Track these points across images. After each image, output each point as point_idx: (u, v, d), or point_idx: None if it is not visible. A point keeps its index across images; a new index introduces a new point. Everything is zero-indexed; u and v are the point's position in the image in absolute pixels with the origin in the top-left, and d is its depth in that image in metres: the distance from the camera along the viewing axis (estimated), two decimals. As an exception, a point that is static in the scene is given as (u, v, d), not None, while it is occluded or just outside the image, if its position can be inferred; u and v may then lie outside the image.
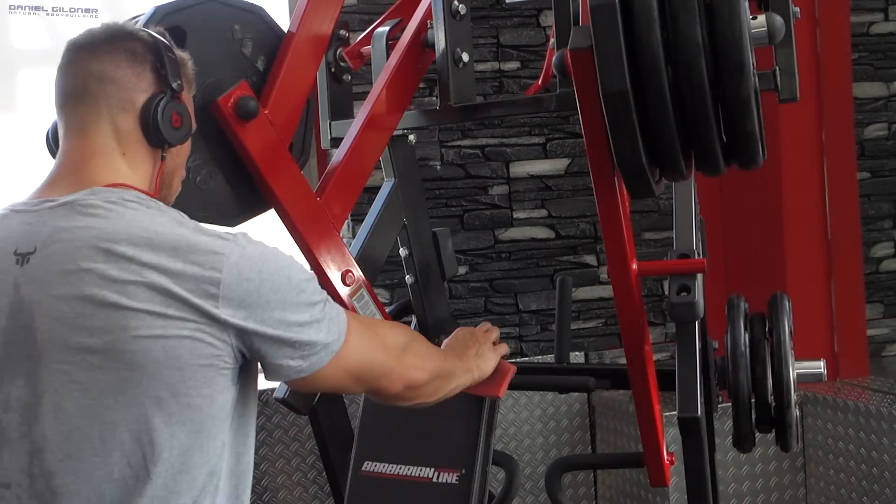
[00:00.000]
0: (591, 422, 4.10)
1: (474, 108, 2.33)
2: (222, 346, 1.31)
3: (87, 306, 1.27)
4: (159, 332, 1.27)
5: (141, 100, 1.43)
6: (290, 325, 1.35)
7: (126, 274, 1.27)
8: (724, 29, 1.43)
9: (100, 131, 1.41)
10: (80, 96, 1.42)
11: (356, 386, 1.52)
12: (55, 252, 1.30)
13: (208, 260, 1.30)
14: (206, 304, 1.29)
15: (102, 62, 1.42)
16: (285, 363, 1.38)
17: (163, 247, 1.30)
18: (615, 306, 1.99)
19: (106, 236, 1.30)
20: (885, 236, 4.61)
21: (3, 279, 1.31)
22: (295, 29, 2.28)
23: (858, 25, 4.46)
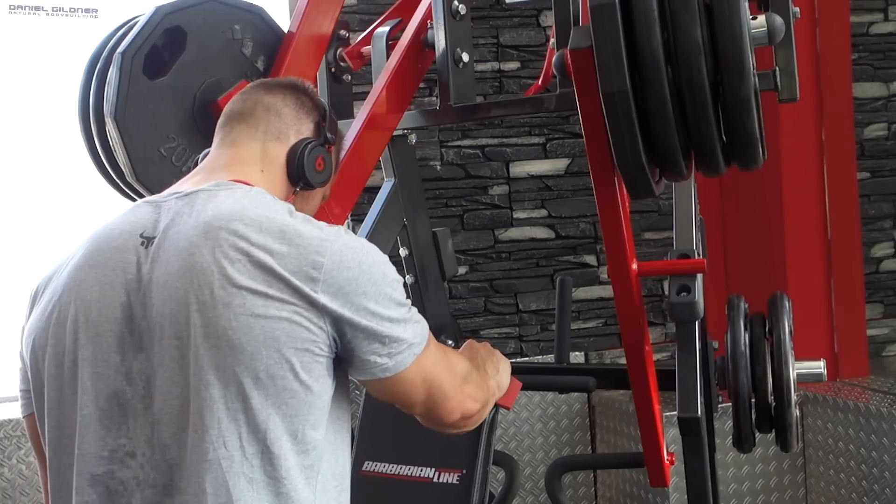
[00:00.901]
0: (591, 422, 4.11)
1: (474, 108, 2.33)
2: (318, 333, 1.34)
3: (195, 283, 1.32)
4: (260, 312, 1.30)
5: (294, 137, 1.55)
6: (382, 318, 1.38)
7: (233, 251, 1.33)
8: (724, 29, 1.42)
9: (250, 147, 1.52)
10: (243, 117, 1.53)
11: (423, 402, 1.46)
12: (174, 234, 1.37)
13: (312, 244, 1.35)
14: (307, 286, 1.33)
15: (275, 97, 1.55)
16: (373, 359, 1.39)
17: (271, 229, 1.35)
18: (615, 306, 1.99)
19: (221, 216, 1.36)
20: (885, 236, 4.61)
21: (128, 259, 1.39)
22: (295, 29, 2.28)
23: (858, 25, 4.46)
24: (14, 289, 3.75)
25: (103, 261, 1.40)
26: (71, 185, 3.68)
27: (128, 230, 1.41)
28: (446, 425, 1.52)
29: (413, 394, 1.45)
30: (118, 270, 1.38)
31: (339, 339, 1.36)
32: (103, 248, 1.41)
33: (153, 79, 2.10)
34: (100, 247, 1.42)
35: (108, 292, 1.38)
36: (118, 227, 1.43)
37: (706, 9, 1.44)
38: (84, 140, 2.29)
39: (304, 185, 1.56)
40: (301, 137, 1.55)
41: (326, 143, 1.58)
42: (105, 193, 2.43)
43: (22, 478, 3.42)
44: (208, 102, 2.15)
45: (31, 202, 3.78)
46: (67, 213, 3.77)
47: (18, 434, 3.42)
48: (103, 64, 2.18)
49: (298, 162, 1.53)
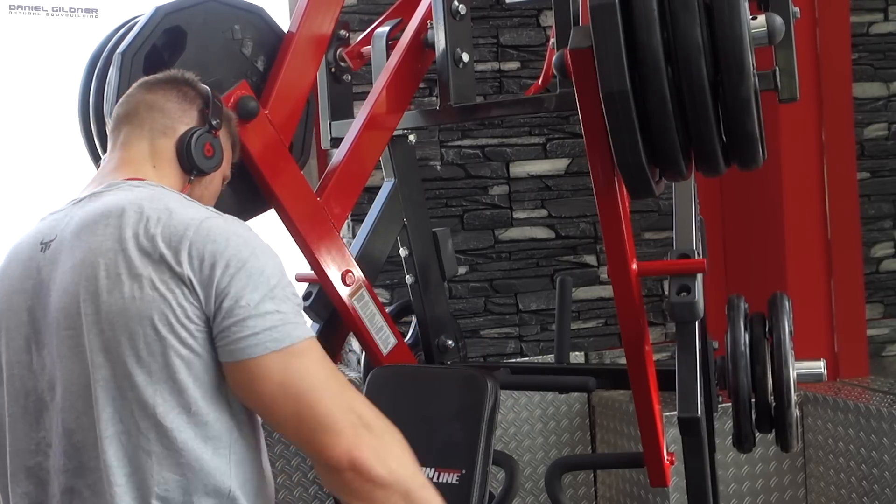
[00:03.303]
0: (591, 422, 4.10)
1: (474, 108, 2.33)
2: (189, 307, 1.37)
3: (82, 275, 1.40)
4: (136, 294, 1.37)
5: (181, 130, 1.60)
6: (242, 295, 1.39)
7: (110, 241, 1.40)
8: (724, 29, 1.43)
9: (138, 146, 1.58)
10: (129, 119, 1.60)
11: (293, 418, 1.37)
12: (67, 234, 1.46)
13: (182, 223, 1.41)
14: (174, 262, 1.37)
15: (155, 95, 1.61)
16: (226, 335, 1.38)
17: (145, 216, 1.41)
18: (615, 306, 1.99)
19: (104, 209, 1.45)
20: (885, 236, 4.61)
21: (29, 266, 1.49)
22: (295, 29, 2.28)
23: (858, 25, 4.46)
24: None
25: (12, 272, 1.51)
26: (71, 185, 3.68)
27: (31, 241, 1.52)
28: (330, 469, 1.37)
29: (272, 395, 1.37)
30: (24, 278, 1.49)
31: (209, 313, 1.37)
32: (13, 260, 1.53)
33: (153, 79, 2.10)
34: (11, 260, 1.54)
35: (15, 299, 1.48)
36: (25, 240, 1.54)
37: (706, 9, 1.44)
38: (84, 140, 2.29)
39: (197, 173, 1.61)
40: (188, 127, 1.60)
41: (212, 129, 1.63)
42: (105, 193, 2.43)
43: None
44: (208, 102, 2.15)
45: (30, 202, 3.77)
46: (67, 213, 3.77)
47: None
48: (103, 64, 2.18)
49: (186, 152, 1.59)
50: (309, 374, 1.39)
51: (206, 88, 1.66)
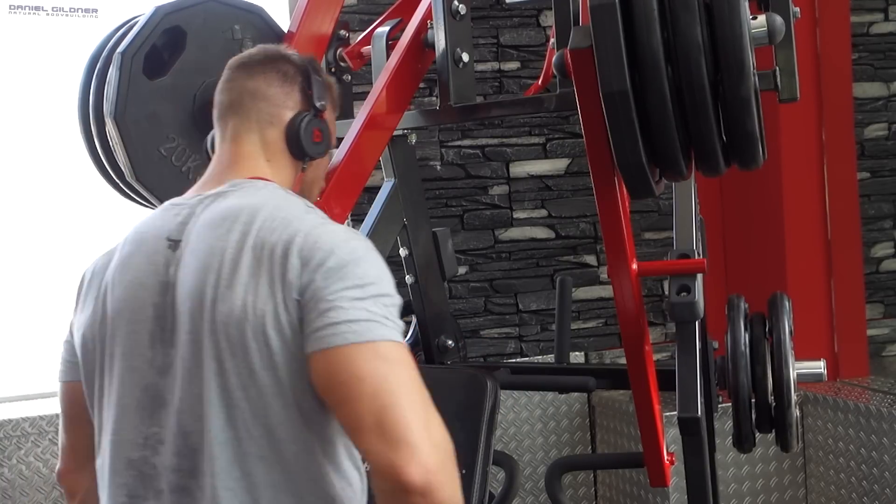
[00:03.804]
0: (591, 422, 4.10)
1: (474, 108, 2.33)
2: (295, 317, 1.38)
3: (206, 281, 1.41)
4: (252, 306, 1.38)
5: (287, 116, 1.59)
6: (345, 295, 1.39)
7: (233, 249, 1.41)
8: (724, 29, 1.42)
9: (249, 139, 1.58)
10: (234, 110, 1.59)
11: (369, 421, 1.31)
12: (193, 237, 1.47)
13: (310, 239, 1.40)
14: (293, 276, 1.38)
15: (257, 81, 1.59)
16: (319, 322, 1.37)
17: (273, 226, 1.42)
18: (615, 306, 1.99)
19: (227, 211, 1.45)
20: (885, 236, 4.61)
21: (157, 261, 1.48)
22: (295, 29, 2.28)
23: (858, 25, 4.46)
24: (14, 289, 3.75)
25: (136, 264, 1.50)
26: (71, 185, 3.68)
27: (155, 234, 1.50)
28: (403, 485, 1.28)
29: (346, 388, 1.33)
30: (149, 273, 1.48)
31: (304, 318, 1.37)
32: (135, 251, 1.51)
33: (153, 79, 2.10)
34: (133, 250, 1.52)
35: (140, 293, 1.48)
36: (149, 230, 1.52)
37: (706, 9, 1.44)
38: (84, 140, 2.29)
39: (308, 159, 1.62)
40: (293, 113, 1.59)
41: (318, 112, 1.61)
42: (105, 193, 2.43)
43: (22, 478, 3.42)
44: (208, 102, 2.15)
45: (30, 202, 3.77)
46: (67, 213, 3.77)
47: (18, 434, 3.42)
48: (103, 64, 2.18)
49: (296, 142, 1.58)
50: (393, 378, 1.33)
51: (304, 62, 1.63)
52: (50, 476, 3.44)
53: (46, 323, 3.74)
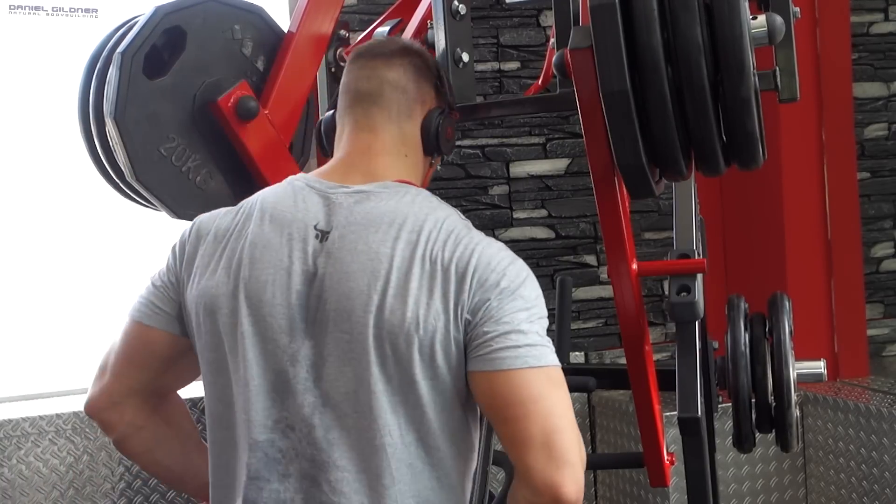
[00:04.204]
0: (591, 422, 4.10)
1: (474, 108, 2.33)
2: (459, 334, 1.44)
3: (369, 286, 1.43)
4: (423, 320, 1.42)
5: (422, 111, 1.61)
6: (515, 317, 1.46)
7: (405, 260, 1.44)
8: (724, 29, 1.42)
9: (388, 131, 1.59)
10: (374, 99, 1.59)
11: (537, 438, 1.39)
12: (349, 233, 1.47)
13: (481, 258, 1.46)
14: (462, 294, 1.44)
15: (397, 72, 1.60)
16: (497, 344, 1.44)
17: (441, 238, 1.46)
18: (615, 306, 1.99)
19: (386, 215, 1.48)
20: (885, 236, 4.61)
21: (304, 249, 1.48)
22: (295, 29, 2.28)
23: (858, 25, 4.46)
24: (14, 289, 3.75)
25: (278, 245, 1.49)
26: (71, 185, 3.67)
27: (301, 218, 1.50)
28: (563, 499, 1.39)
29: (522, 408, 1.41)
30: (294, 259, 1.48)
31: (471, 336, 1.44)
32: (277, 232, 1.50)
33: (153, 79, 2.10)
34: (274, 229, 1.50)
35: (283, 278, 1.47)
36: (291, 212, 1.51)
37: (706, 9, 1.44)
38: (84, 140, 2.29)
39: (437, 155, 1.65)
40: (427, 108, 1.62)
41: (451, 109, 1.65)
42: (105, 193, 2.43)
43: (22, 478, 3.42)
44: (208, 102, 2.15)
45: (31, 202, 3.77)
46: (67, 213, 3.77)
47: (18, 434, 3.42)
48: (103, 64, 2.18)
49: (433, 136, 1.61)
50: (560, 402, 1.43)
51: (434, 59, 1.68)
52: (50, 476, 3.44)
53: (46, 323, 3.74)
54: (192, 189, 2.17)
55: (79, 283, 3.77)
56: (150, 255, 3.65)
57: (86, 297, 3.76)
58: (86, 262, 3.78)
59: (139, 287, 1.65)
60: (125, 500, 3.52)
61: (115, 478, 3.51)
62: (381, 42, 1.69)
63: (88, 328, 3.76)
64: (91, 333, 3.77)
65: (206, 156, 2.18)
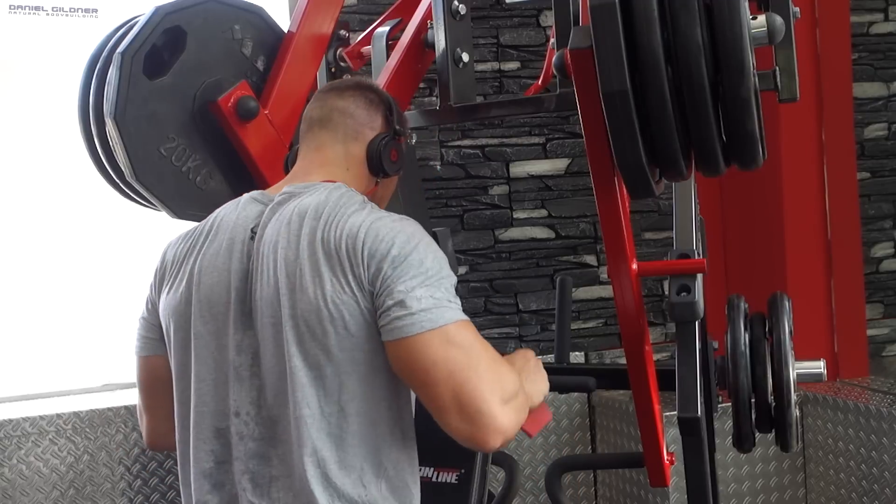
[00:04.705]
0: (591, 422, 4.11)
1: (474, 108, 2.33)
2: (366, 306, 1.54)
3: (282, 272, 1.56)
4: (330, 296, 1.53)
5: (370, 135, 1.76)
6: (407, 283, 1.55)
7: (307, 243, 1.55)
8: (724, 29, 1.42)
9: (333, 149, 1.74)
10: (324, 123, 1.75)
11: (447, 398, 1.49)
12: (269, 230, 1.61)
13: (364, 230, 1.56)
14: (360, 266, 1.54)
15: (346, 101, 1.76)
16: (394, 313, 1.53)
17: (339, 222, 1.56)
18: (615, 306, 1.99)
19: (301, 210, 1.60)
20: (885, 236, 4.61)
21: (241, 250, 1.63)
22: (295, 29, 2.28)
23: (858, 25, 4.46)
24: (14, 289, 3.75)
25: (221, 250, 1.64)
26: (71, 185, 3.68)
27: (241, 224, 1.65)
28: (486, 449, 1.52)
29: (426, 372, 1.49)
30: (233, 259, 1.63)
31: (378, 305, 1.53)
32: (221, 239, 1.65)
33: (153, 79, 2.10)
34: (219, 238, 1.66)
35: (224, 277, 1.62)
36: (233, 221, 1.66)
37: (706, 9, 1.44)
38: (84, 140, 2.29)
39: (383, 175, 1.77)
40: (375, 133, 1.76)
41: (396, 134, 1.78)
42: (105, 193, 2.44)
43: (22, 478, 3.42)
44: (208, 102, 2.15)
45: (31, 202, 3.77)
46: (67, 213, 3.77)
47: (18, 434, 3.42)
48: (103, 64, 2.18)
49: (377, 157, 1.75)
50: (461, 358, 1.51)
51: (388, 95, 1.82)
52: (50, 476, 3.44)
53: (46, 323, 3.74)
54: (192, 189, 2.17)
55: (79, 283, 3.77)
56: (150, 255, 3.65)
57: (86, 297, 3.77)
58: (86, 262, 3.78)
59: (139, 287, 1.72)
60: (125, 500, 3.52)
61: (116, 478, 3.51)
62: (340, 81, 1.87)
63: (89, 328, 3.76)
64: (91, 333, 3.77)
65: (206, 156, 2.18)
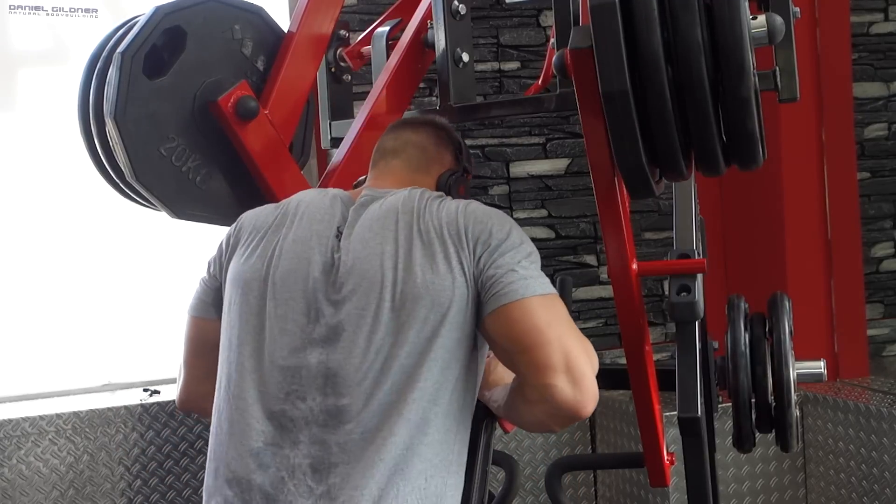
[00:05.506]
0: (591, 422, 4.10)
1: (474, 108, 2.33)
2: (469, 291, 1.61)
3: (378, 262, 1.62)
4: (430, 285, 1.59)
5: (439, 169, 1.86)
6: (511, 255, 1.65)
7: (404, 237, 1.62)
8: (724, 29, 1.42)
9: (403, 177, 1.80)
10: (397, 153, 1.84)
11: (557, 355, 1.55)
12: (358, 227, 1.67)
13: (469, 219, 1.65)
14: (464, 253, 1.62)
15: (420, 135, 1.86)
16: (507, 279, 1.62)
17: (433, 213, 1.65)
18: (615, 306, 1.99)
19: (391, 205, 1.67)
20: (885, 236, 4.61)
21: (326, 244, 1.67)
22: (295, 29, 2.28)
23: (858, 25, 4.46)
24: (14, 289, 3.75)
25: (305, 239, 1.69)
26: (71, 185, 3.68)
27: (328, 220, 1.70)
28: (583, 415, 1.57)
29: (536, 331, 1.55)
30: (316, 252, 1.67)
31: (482, 281, 1.60)
32: (308, 228, 1.70)
33: (153, 79, 2.10)
34: (303, 226, 1.71)
35: (303, 266, 1.66)
36: (320, 215, 1.71)
37: (706, 9, 1.44)
38: (84, 140, 2.29)
39: None
40: (444, 168, 1.85)
41: (465, 172, 1.88)
42: (105, 193, 2.44)
43: (22, 478, 3.42)
44: (208, 102, 2.15)
45: (31, 202, 3.77)
46: (67, 213, 3.77)
47: (18, 434, 3.42)
48: (103, 64, 2.18)
49: (446, 189, 1.82)
50: (569, 323, 1.60)
51: (457, 136, 1.92)
52: (50, 476, 3.44)
53: (46, 323, 3.74)
54: (192, 189, 2.17)
55: (79, 282, 3.77)
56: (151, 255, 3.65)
57: (86, 297, 3.77)
58: (86, 262, 3.78)
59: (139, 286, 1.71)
60: (125, 500, 3.52)
61: (116, 478, 3.51)
62: (414, 116, 1.98)
63: (89, 328, 3.76)
64: (91, 333, 3.77)
65: (206, 156, 2.18)
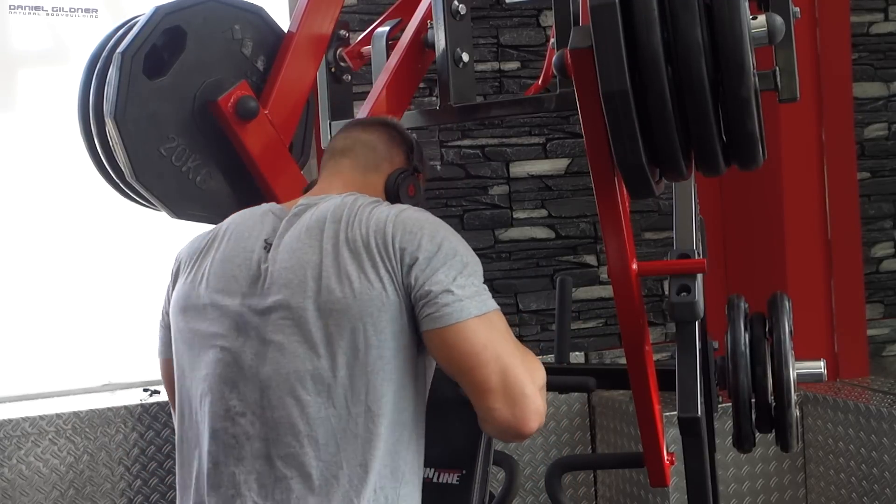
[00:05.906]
0: (591, 422, 4.11)
1: (474, 108, 2.33)
2: (396, 299, 1.57)
3: (303, 273, 1.59)
4: (359, 292, 1.55)
5: (389, 168, 1.81)
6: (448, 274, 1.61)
7: (330, 244, 1.59)
8: (724, 29, 1.42)
9: (353, 176, 1.78)
10: (346, 153, 1.81)
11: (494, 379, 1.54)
12: (286, 238, 1.65)
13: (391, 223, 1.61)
14: (391, 261, 1.57)
15: (370, 134, 1.83)
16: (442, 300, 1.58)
17: (360, 219, 1.61)
18: (615, 306, 1.99)
19: (321, 214, 1.64)
20: (885, 236, 4.61)
21: (253, 258, 1.66)
22: (295, 29, 2.28)
23: (858, 25, 4.46)
24: (14, 289, 3.75)
25: (231, 256, 1.68)
26: (71, 185, 3.68)
27: (256, 235, 1.68)
28: (525, 433, 1.55)
29: (473, 356, 1.53)
30: (243, 267, 1.65)
31: (415, 298, 1.57)
32: (234, 246, 1.69)
33: (153, 79, 2.10)
34: (231, 245, 1.69)
35: (232, 284, 1.65)
36: (249, 231, 1.69)
37: (706, 9, 1.44)
38: (84, 140, 2.29)
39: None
40: (394, 168, 1.81)
41: (416, 171, 1.84)
42: (105, 193, 2.44)
43: (22, 478, 3.42)
44: (208, 102, 2.15)
45: (31, 202, 3.77)
46: (67, 213, 3.77)
47: (18, 434, 3.42)
48: (103, 64, 2.18)
49: (394, 189, 1.79)
50: (506, 342, 1.58)
51: (410, 136, 1.89)
52: (50, 476, 3.44)
53: (46, 323, 3.74)
54: (192, 189, 2.17)
55: (79, 282, 3.77)
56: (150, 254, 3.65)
57: (86, 297, 3.77)
58: (86, 262, 3.78)
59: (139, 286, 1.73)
60: (125, 500, 3.52)
61: (116, 478, 3.51)
62: (365, 117, 1.93)
63: (89, 328, 3.76)
64: (91, 333, 3.77)
65: (206, 156, 2.18)
